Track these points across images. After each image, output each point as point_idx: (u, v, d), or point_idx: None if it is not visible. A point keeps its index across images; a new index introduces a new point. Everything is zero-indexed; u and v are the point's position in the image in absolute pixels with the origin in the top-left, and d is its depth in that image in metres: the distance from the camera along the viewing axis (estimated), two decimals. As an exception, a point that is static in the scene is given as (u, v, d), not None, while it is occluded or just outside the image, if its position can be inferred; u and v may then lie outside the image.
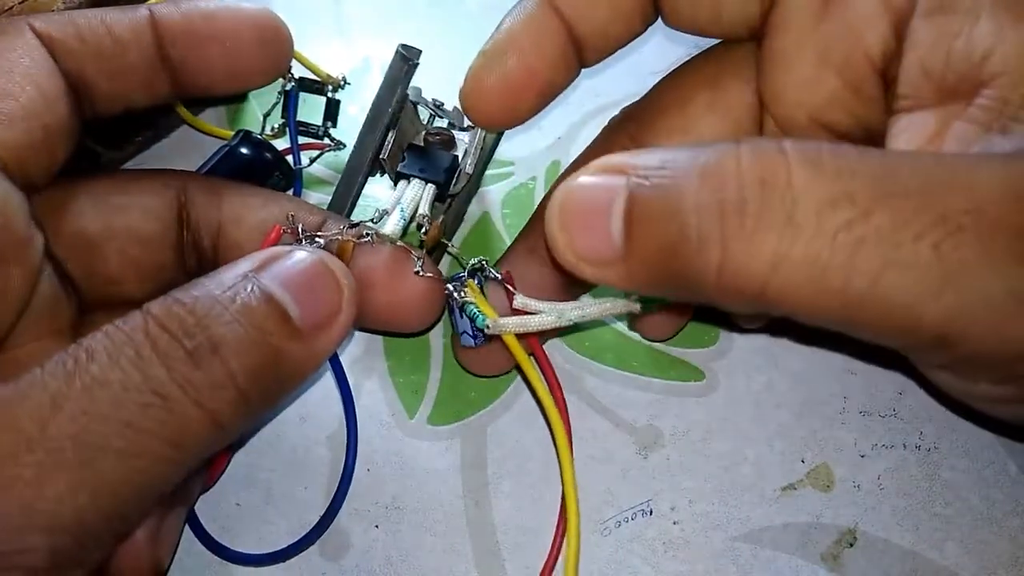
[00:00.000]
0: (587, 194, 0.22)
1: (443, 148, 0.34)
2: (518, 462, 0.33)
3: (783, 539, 0.31)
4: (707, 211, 0.20)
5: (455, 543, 0.31)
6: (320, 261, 0.25)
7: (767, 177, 0.19)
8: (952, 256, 0.19)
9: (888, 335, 0.21)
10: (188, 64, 0.30)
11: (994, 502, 0.31)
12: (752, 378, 0.34)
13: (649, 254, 0.22)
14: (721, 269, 0.20)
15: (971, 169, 0.19)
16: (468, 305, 0.30)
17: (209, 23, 0.30)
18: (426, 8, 0.48)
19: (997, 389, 0.22)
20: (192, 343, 0.22)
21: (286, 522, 0.32)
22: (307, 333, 0.24)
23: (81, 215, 0.29)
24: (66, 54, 0.28)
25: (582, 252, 0.23)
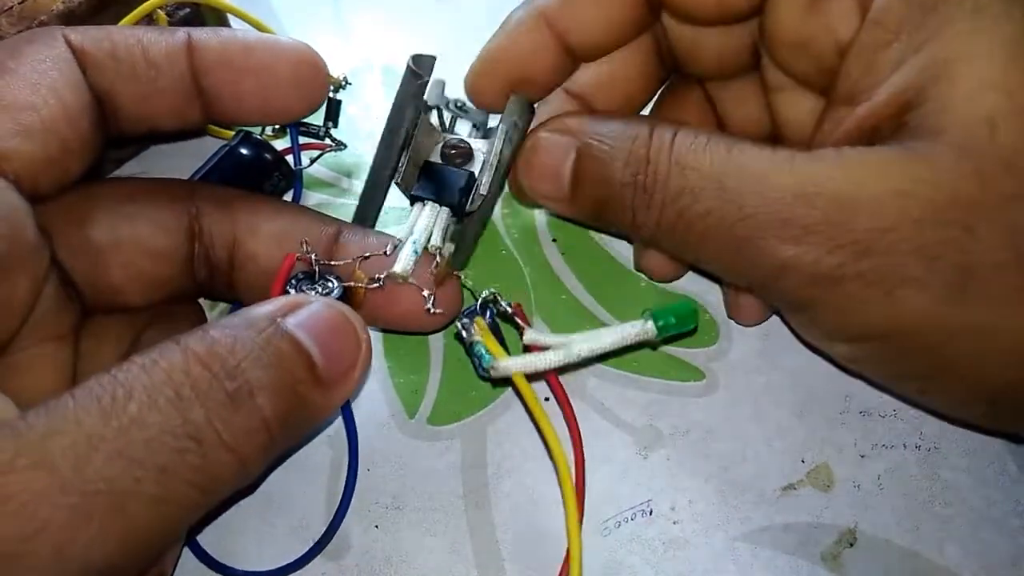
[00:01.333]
0: (546, 149, 0.31)
1: (461, 162, 0.33)
2: (518, 462, 0.33)
3: (783, 539, 0.31)
4: (627, 185, 0.29)
5: (455, 543, 0.31)
6: (341, 313, 0.26)
7: (659, 169, 0.28)
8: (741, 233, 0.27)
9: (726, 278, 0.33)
10: (221, 95, 0.30)
11: (994, 502, 0.31)
12: (752, 378, 0.34)
13: (588, 203, 0.31)
14: (632, 223, 0.29)
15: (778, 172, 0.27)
16: (476, 344, 0.29)
17: (246, 56, 0.30)
18: (427, 8, 0.48)
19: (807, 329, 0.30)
20: (233, 385, 0.22)
21: (286, 523, 0.32)
22: (328, 383, 0.24)
23: (89, 224, 0.29)
24: (97, 70, 0.28)
25: (539, 192, 0.32)
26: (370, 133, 0.43)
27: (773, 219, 0.26)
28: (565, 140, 0.30)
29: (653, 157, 0.28)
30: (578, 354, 0.29)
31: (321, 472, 0.33)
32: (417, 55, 0.32)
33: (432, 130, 0.34)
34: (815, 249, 0.26)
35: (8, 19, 0.35)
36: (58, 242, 0.28)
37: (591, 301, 0.37)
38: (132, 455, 0.20)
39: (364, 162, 0.42)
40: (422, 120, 0.32)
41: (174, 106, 0.29)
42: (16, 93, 0.26)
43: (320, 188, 0.41)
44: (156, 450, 0.20)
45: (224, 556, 0.31)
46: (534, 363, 0.29)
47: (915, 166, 0.25)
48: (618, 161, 0.29)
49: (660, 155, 0.28)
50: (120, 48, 0.28)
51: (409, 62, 0.31)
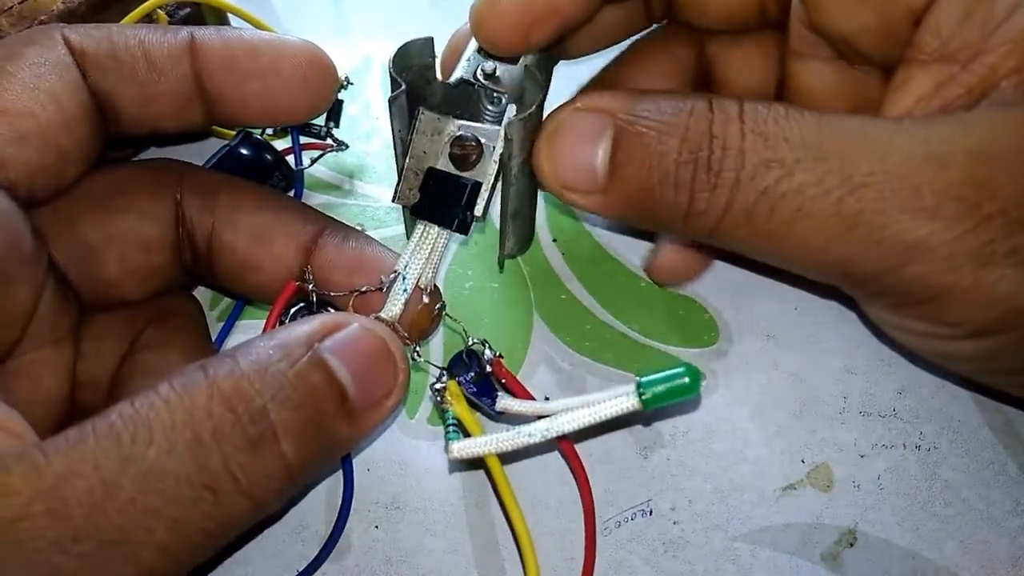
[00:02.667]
0: (575, 129, 0.26)
1: (475, 160, 0.29)
2: (518, 462, 0.33)
3: (783, 539, 0.31)
4: (685, 165, 0.24)
5: (455, 543, 0.31)
6: (382, 341, 0.24)
7: (728, 143, 0.24)
8: (852, 208, 0.23)
9: (809, 270, 0.26)
10: (225, 98, 0.29)
11: (994, 502, 0.31)
12: (752, 378, 0.34)
13: (630, 191, 0.25)
14: (688, 211, 0.25)
15: (891, 135, 0.23)
16: (447, 412, 0.27)
17: (251, 57, 0.29)
18: (428, 8, 0.48)
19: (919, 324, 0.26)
20: (256, 430, 0.21)
21: (286, 524, 0.32)
22: (358, 413, 0.23)
23: (80, 223, 0.29)
24: (97, 72, 0.27)
25: (566, 181, 0.26)
26: (370, 133, 0.43)
27: (897, 186, 0.22)
28: (598, 118, 0.26)
29: (719, 131, 0.24)
30: (549, 433, 0.26)
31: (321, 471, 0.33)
32: (403, 46, 0.29)
33: (435, 133, 0.30)
34: (956, 224, 0.22)
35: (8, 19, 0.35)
36: (52, 243, 0.28)
37: (591, 301, 0.37)
38: (147, 505, 0.20)
39: (366, 163, 0.42)
40: (421, 121, 0.29)
41: (176, 108, 0.29)
42: (13, 98, 0.26)
43: (322, 190, 0.41)
44: (171, 500, 0.20)
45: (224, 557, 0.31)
46: (501, 443, 0.26)
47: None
48: (672, 138, 0.24)
49: (729, 127, 0.24)
50: (121, 49, 0.28)
51: (390, 66, 0.29)
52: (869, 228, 0.22)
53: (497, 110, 0.30)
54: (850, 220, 0.23)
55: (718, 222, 0.25)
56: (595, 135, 0.26)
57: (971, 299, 0.23)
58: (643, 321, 0.36)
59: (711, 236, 0.26)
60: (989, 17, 0.24)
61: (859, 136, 0.23)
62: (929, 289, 0.23)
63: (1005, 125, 0.22)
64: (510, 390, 0.29)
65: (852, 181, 0.22)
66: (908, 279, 0.23)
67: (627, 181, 0.25)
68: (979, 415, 0.33)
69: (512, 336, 0.36)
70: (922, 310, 0.25)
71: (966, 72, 0.24)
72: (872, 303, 0.28)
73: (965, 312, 0.24)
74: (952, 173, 0.22)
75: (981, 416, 0.33)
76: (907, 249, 0.22)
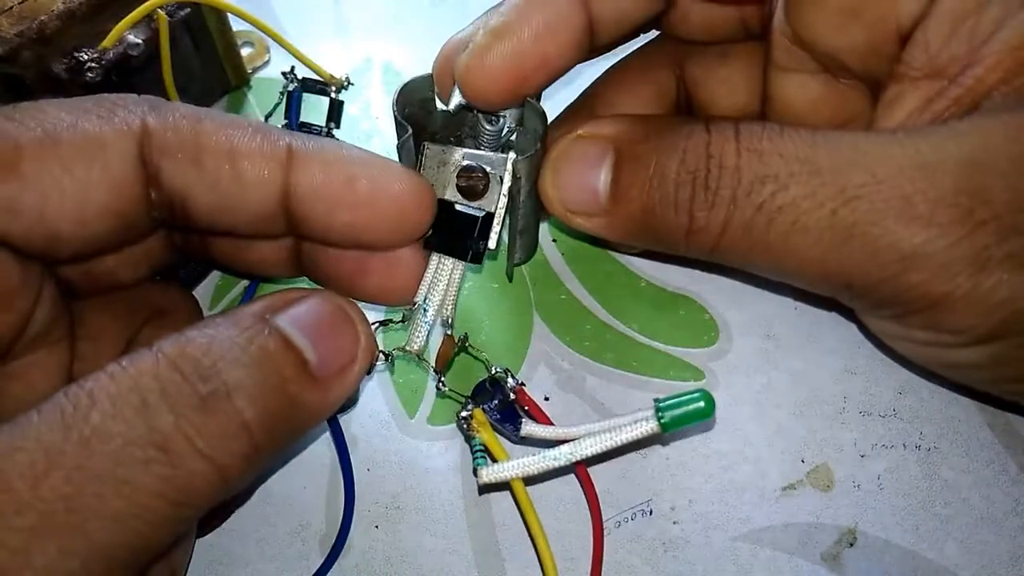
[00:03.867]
0: (577, 156, 0.27)
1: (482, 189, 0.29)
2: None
3: (783, 539, 0.31)
4: (684, 185, 0.25)
5: (455, 543, 0.31)
6: (339, 308, 0.24)
7: (724, 161, 0.24)
8: (847, 220, 0.23)
9: (810, 283, 0.26)
10: (311, 222, 0.27)
11: (994, 502, 0.31)
12: (752, 378, 0.34)
13: (633, 212, 0.26)
14: (688, 230, 0.25)
15: (883, 147, 0.23)
16: (473, 439, 0.28)
17: (348, 187, 0.26)
18: (428, 8, 0.48)
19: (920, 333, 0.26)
20: (206, 388, 0.20)
21: (286, 523, 0.32)
22: (323, 381, 0.23)
23: None
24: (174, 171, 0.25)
25: (571, 206, 0.28)
26: (370, 133, 0.43)
27: (890, 196, 0.22)
28: (599, 144, 0.27)
29: (716, 150, 0.24)
30: (571, 458, 0.27)
31: (321, 473, 0.33)
32: (405, 86, 0.29)
33: (441, 164, 0.30)
34: (950, 231, 0.22)
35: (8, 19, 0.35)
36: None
37: (591, 301, 0.37)
38: (93, 470, 0.19)
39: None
40: (427, 156, 0.29)
41: (255, 221, 0.27)
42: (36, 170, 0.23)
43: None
44: (120, 463, 0.19)
45: (224, 557, 0.31)
46: (525, 469, 0.27)
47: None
48: (670, 160, 0.25)
49: (725, 146, 0.24)
50: (207, 153, 0.25)
51: (394, 109, 0.28)
52: (864, 239, 0.23)
53: (495, 129, 0.30)
54: (845, 232, 0.23)
55: (718, 239, 0.25)
56: (597, 161, 0.27)
57: (969, 305, 0.23)
58: (643, 321, 0.36)
59: (712, 253, 0.26)
60: (976, 32, 0.24)
61: (851, 149, 0.23)
62: (927, 297, 0.23)
63: (996, 132, 0.22)
64: (533, 416, 0.30)
65: (845, 193, 0.23)
66: (906, 288, 0.23)
67: (629, 203, 0.26)
68: (979, 415, 0.33)
69: (512, 336, 0.36)
70: (923, 319, 0.25)
71: (955, 85, 0.24)
72: (873, 315, 0.28)
73: (965, 318, 0.24)
74: (944, 181, 0.22)
75: (981, 416, 0.33)
76: (903, 258, 0.23)
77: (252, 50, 0.46)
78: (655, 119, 0.27)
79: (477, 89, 0.27)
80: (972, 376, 0.28)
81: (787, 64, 0.30)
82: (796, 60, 0.30)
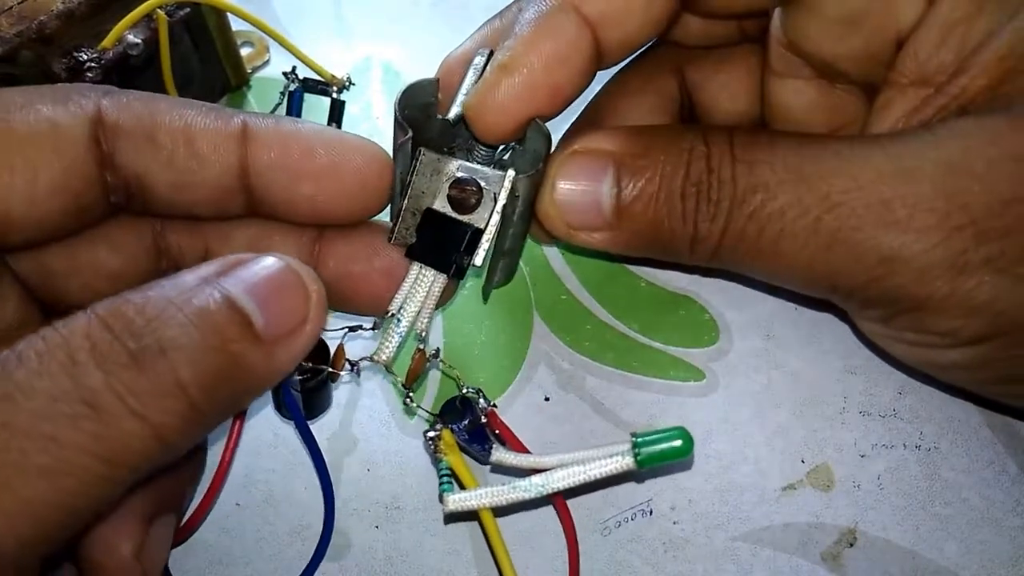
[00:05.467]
0: (577, 172, 0.27)
1: (474, 203, 0.29)
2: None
3: (783, 539, 0.31)
4: (689, 198, 0.26)
5: (455, 543, 0.31)
6: (288, 267, 0.23)
7: (722, 174, 0.25)
8: (830, 226, 0.24)
9: (801, 286, 0.27)
10: (271, 197, 0.27)
11: (994, 502, 0.31)
12: (752, 378, 0.34)
13: (640, 226, 0.27)
14: (693, 240, 0.26)
15: (866, 153, 0.24)
16: (440, 462, 0.27)
17: (307, 158, 0.26)
18: (428, 8, 0.48)
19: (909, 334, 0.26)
20: (137, 345, 0.20)
21: (286, 522, 0.32)
22: (270, 342, 0.22)
23: (45, 251, 0.26)
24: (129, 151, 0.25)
25: (574, 223, 0.28)
26: (370, 133, 0.43)
27: (870, 202, 0.23)
28: (599, 159, 0.27)
29: (715, 163, 0.25)
30: (546, 488, 0.26)
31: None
32: (409, 87, 0.28)
33: (435, 172, 0.29)
34: (928, 235, 0.22)
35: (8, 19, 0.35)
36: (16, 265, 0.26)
37: (591, 301, 0.37)
38: (17, 424, 0.18)
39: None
40: (423, 162, 0.28)
41: (213, 199, 0.27)
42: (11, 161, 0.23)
43: (320, 188, 0.41)
44: (45, 418, 0.18)
45: (224, 557, 0.31)
46: (492, 499, 0.26)
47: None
48: (676, 173, 0.26)
49: (723, 159, 0.25)
50: (162, 131, 0.25)
51: (396, 110, 0.27)
52: (847, 244, 0.24)
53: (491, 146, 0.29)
54: (829, 237, 0.24)
55: (717, 246, 0.26)
56: (598, 176, 0.27)
57: (952, 307, 0.23)
58: (643, 321, 0.36)
59: (712, 260, 0.27)
60: (965, 42, 0.24)
61: (835, 156, 0.24)
62: (911, 299, 0.24)
63: (974, 135, 0.23)
64: (504, 441, 0.29)
65: (829, 200, 0.24)
66: (890, 290, 0.24)
67: (635, 217, 0.27)
68: (979, 415, 0.33)
69: (512, 336, 0.36)
70: (909, 320, 0.25)
71: (941, 94, 0.25)
72: (864, 317, 0.29)
73: (948, 320, 0.24)
74: (922, 186, 0.22)
75: (981, 416, 0.33)
76: (884, 261, 0.23)
77: (252, 50, 0.46)
78: (650, 130, 0.28)
79: (489, 125, 0.27)
80: (960, 377, 0.29)
81: (783, 70, 0.31)
82: (792, 66, 0.30)
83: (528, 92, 0.26)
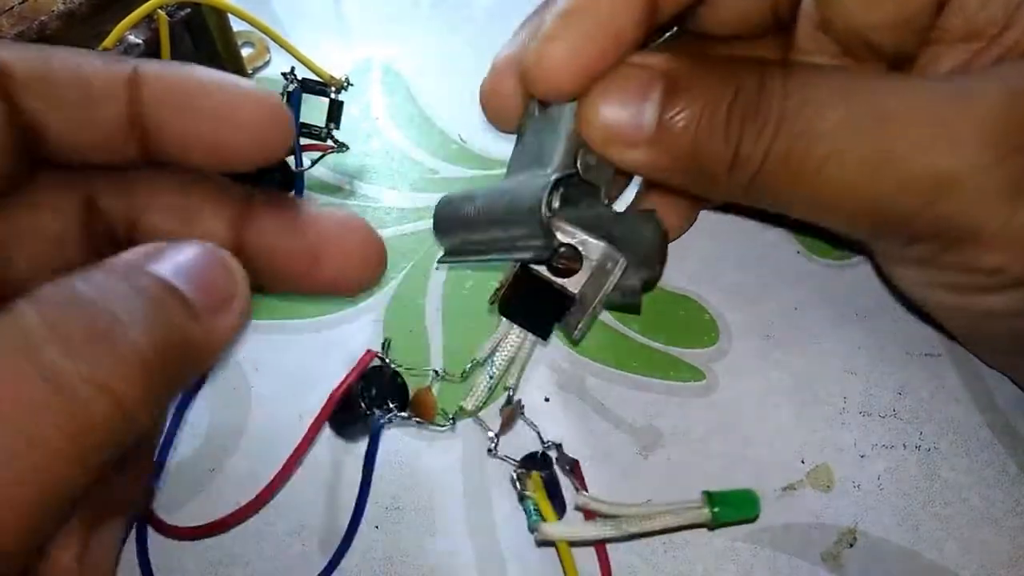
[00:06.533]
0: (626, 80, 0.26)
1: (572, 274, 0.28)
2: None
3: (783, 539, 0.31)
4: (735, 117, 0.25)
5: (455, 543, 0.31)
6: (208, 250, 0.24)
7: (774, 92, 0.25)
8: (882, 144, 0.23)
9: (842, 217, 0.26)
10: (165, 135, 0.26)
11: (994, 502, 0.31)
12: (752, 378, 0.34)
13: (680, 142, 0.26)
14: (732, 163, 0.25)
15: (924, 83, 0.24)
16: (527, 499, 0.30)
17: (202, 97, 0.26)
18: (428, 8, 0.48)
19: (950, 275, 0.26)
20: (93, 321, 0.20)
21: (286, 522, 0.32)
22: (207, 316, 0.23)
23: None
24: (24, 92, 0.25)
25: (613, 130, 0.27)
26: (371, 134, 0.43)
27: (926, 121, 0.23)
28: (649, 73, 0.26)
29: (768, 82, 0.25)
30: (627, 531, 0.28)
31: (321, 472, 0.33)
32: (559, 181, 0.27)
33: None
34: (984, 154, 0.22)
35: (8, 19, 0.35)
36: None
37: (591, 301, 0.37)
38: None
39: (367, 164, 0.42)
40: None
41: (106, 139, 0.26)
42: None
43: (322, 190, 0.41)
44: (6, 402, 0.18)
45: (224, 557, 0.31)
46: (582, 533, 0.29)
47: None
48: (725, 91, 0.25)
49: (774, 78, 0.25)
50: (55, 71, 0.25)
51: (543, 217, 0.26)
52: (899, 164, 0.23)
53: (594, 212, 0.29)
54: (881, 155, 0.23)
55: (758, 169, 0.25)
56: (645, 90, 0.26)
57: (1004, 237, 0.23)
58: (643, 321, 0.36)
59: (749, 189, 0.26)
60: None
61: (892, 80, 0.24)
62: (962, 229, 0.23)
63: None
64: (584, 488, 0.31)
65: (884, 118, 0.23)
66: (940, 217, 0.23)
67: (676, 134, 0.26)
68: (979, 415, 0.33)
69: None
70: (955, 256, 0.25)
71: (995, 45, 0.25)
72: (904, 257, 0.28)
73: (998, 254, 0.24)
74: (984, 108, 0.22)
75: (981, 416, 0.33)
76: (937, 183, 0.23)
77: (252, 50, 0.46)
78: (704, 58, 0.27)
79: (550, 74, 0.26)
80: (998, 329, 0.28)
81: (809, 49, 0.30)
82: (818, 45, 0.30)
83: (591, 39, 0.26)
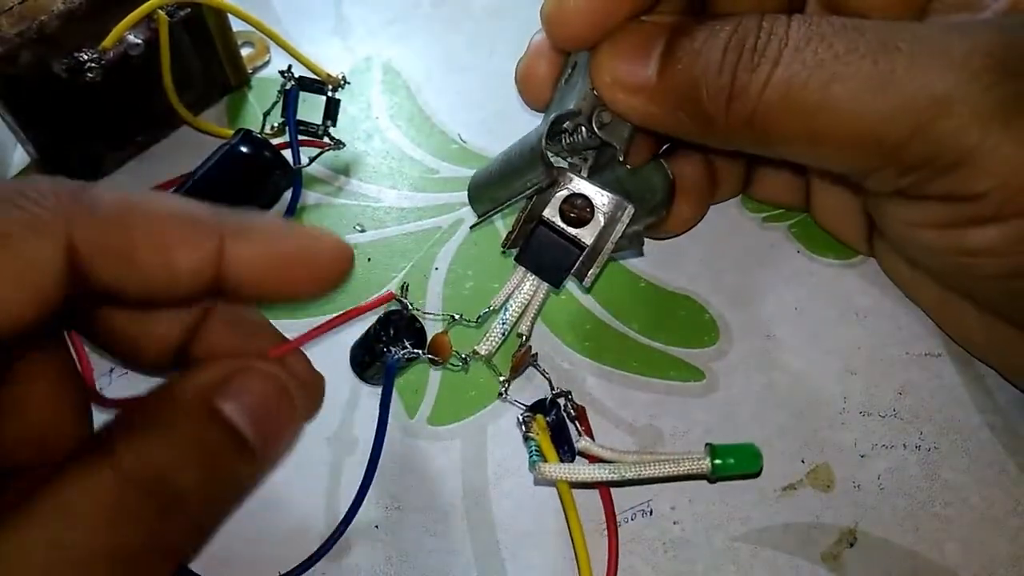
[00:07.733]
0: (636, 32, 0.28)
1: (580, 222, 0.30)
2: (518, 462, 0.33)
3: (783, 539, 0.31)
4: (733, 50, 0.26)
5: (455, 543, 0.31)
6: (284, 387, 0.25)
7: (775, 29, 0.25)
8: (884, 68, 0.24)
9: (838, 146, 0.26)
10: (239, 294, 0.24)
11: (994, 502, 0.31)
12: (752, 378, 0.34)
13: (678, 83, 0.27)
14: (730, 95, 0.26)
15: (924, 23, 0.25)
16: (530, 440, 0.30)
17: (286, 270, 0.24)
18: (429, 8, 0.48)
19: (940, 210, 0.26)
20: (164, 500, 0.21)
21: (286, 523, 0.32)
22: (259, 455, 0.24)
23: None
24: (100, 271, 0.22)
25: (618, 74, 0.28)
26: (370, 133, 0.43)
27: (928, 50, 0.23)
28: (658, 26, 0.28)
29: (768, 23, 0.26)
30: (625, 475, 0.29)
31: (321, 472, 0.33)
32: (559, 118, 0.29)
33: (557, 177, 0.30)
34: (983, 75, 0.23)
35: (8, 19, 0.35)
36: None
37: (591, 301, 0.37)
38: None
39: (365, 162, 0.42)
40: None
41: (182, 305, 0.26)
42: None
43: (317, 186, 0.41)
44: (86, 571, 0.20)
45: (224, 557, 0.31)
46: (579, 474, 0.29)
47: None
48: (723, 30, 0.26)
49: (777, 20, 0.26)
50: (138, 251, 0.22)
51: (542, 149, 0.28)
52: (900, 85, 0.23)
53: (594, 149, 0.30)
54: (883, 79, 0.24)
55: (757, 100, 0.25)
56: (652, 38, 0.27)
57: (993, 160, 0.23)
58: (643, 321, 0.36)
59: (749, 123, 0.26)
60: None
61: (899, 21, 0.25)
62: (952, 151, 0.24)
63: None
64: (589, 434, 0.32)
65: (887, 46, 0.24)
66: (937, 138, 0.24)
67: (676, 73, 0.27)
68: (979, 415, 0.33)
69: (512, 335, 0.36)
70: (943, 185, 0.25)
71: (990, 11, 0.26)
72: (890, 199, 0.28)
73: (986, 179, 0.24)
74: (981, 36, 0.23)
75: (981, 416, 0.33)
76: (935, 102, 0.23)
77: (252, 50, 0.46)
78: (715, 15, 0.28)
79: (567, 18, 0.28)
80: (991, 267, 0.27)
81: None
82: None
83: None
